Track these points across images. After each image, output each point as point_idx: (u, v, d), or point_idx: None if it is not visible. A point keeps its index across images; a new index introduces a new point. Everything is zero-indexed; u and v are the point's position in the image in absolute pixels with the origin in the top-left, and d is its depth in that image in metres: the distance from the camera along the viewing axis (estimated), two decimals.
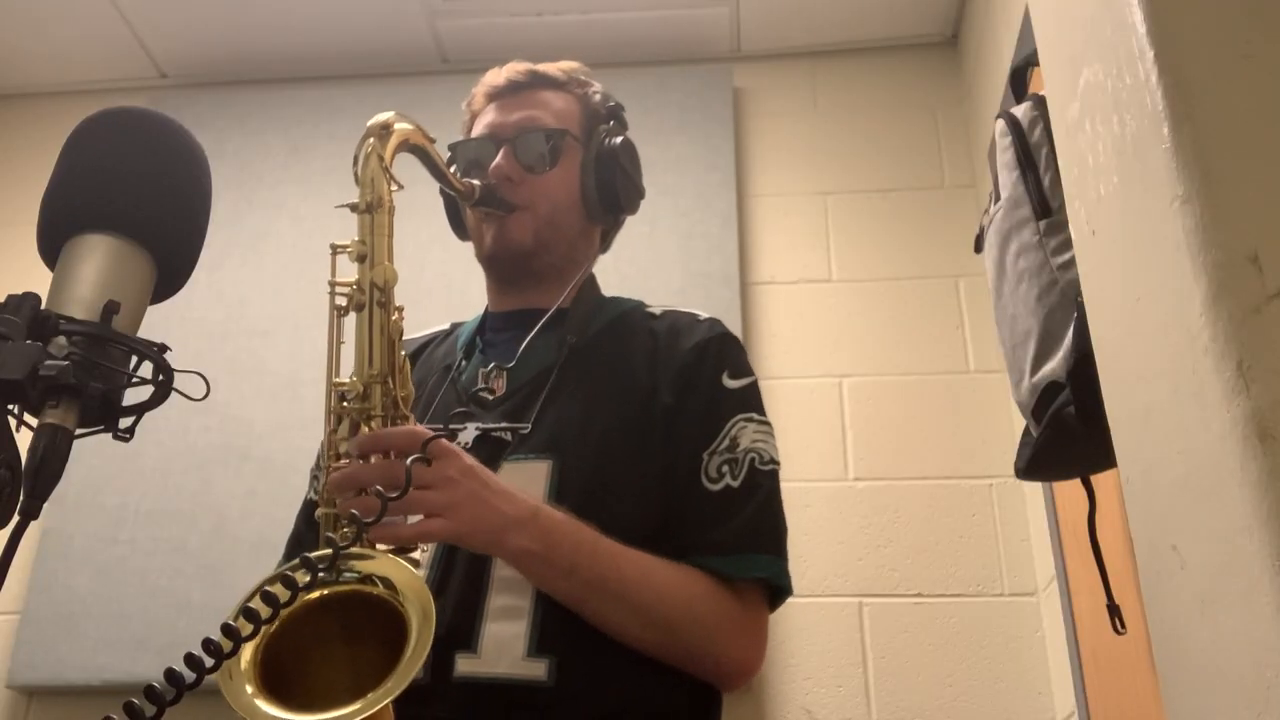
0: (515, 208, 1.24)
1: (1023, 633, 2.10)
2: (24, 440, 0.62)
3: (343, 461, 1.02)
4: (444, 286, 2.12)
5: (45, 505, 0.61)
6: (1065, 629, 1.93)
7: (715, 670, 1.10)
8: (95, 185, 0.72)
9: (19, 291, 0.65)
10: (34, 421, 0.63)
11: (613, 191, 1.28)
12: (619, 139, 1.30)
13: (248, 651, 0.83)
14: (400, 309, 1.07)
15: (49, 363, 0.61)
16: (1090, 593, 1.79)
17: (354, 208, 1.08)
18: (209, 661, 0.62)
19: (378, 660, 0.85)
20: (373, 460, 1.01)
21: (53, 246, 0.71)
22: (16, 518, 0.60)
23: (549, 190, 1.26)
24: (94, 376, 0.65)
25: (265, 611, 0.69)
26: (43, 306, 0.66)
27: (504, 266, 1.28)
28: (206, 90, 2.86)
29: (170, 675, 0.58)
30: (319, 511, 1.03)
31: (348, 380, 1.05)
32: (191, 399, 0.75)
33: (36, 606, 2.23)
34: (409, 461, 0.91)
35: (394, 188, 1.09)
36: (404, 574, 0.90)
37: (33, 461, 0.61)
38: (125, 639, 2.17)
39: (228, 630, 0.66)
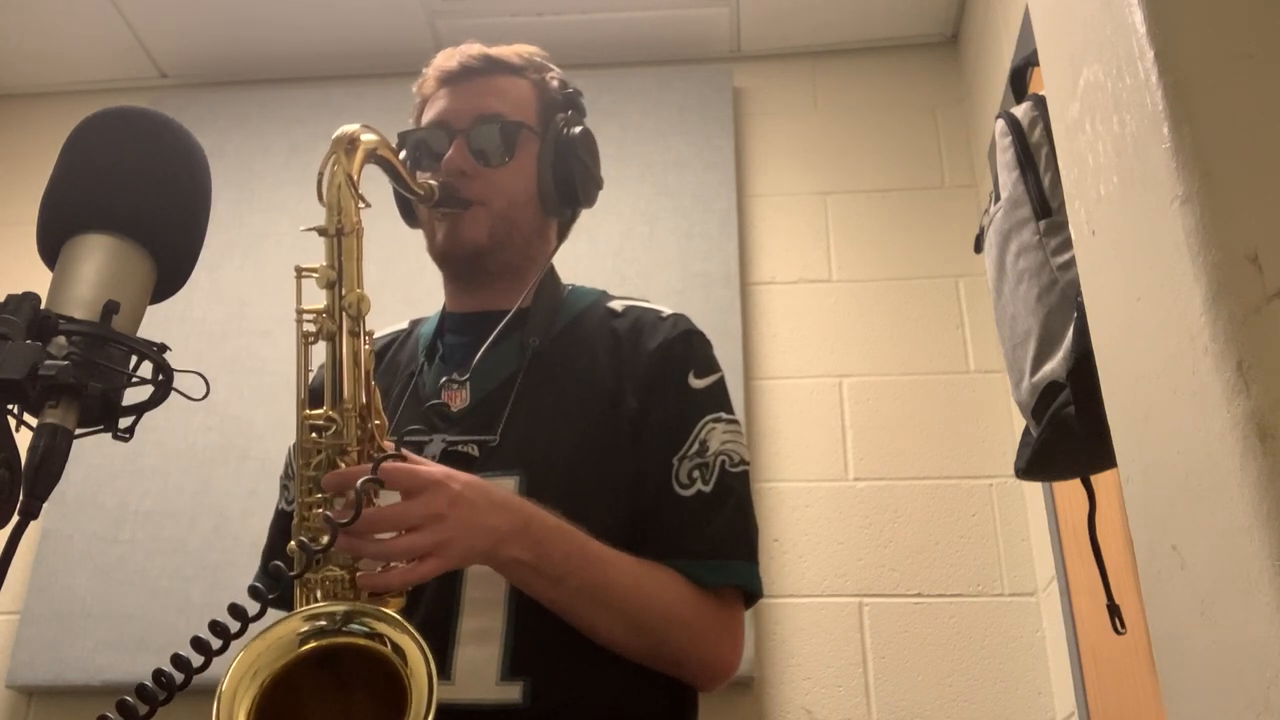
0: (470, 204, 1.17)
1: (1023, 633, 2.10)
2: (24, 440, 0.62)
3: (317, 496, 0.97)
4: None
5: (45, 505, 0.61)
6: (1065, 629, 1.93)
7: (698, 673, 1.11)
8: (95, 185, 0.72)
9: (19, 291, 0.65)
10: (34, 421, 0.63)
11: (571, 186, 1.22)
12: (578, 129, 1.24)
13: (243, 713, 0.81)
14: (370, 333, 1.00)
15: (49, 362, 0.61)
16: (1090, 593, 1.79)
17: (322, 231, 1.00)
18: (197, 660, 0.62)
19: (371, 715, 0.83)
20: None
21: (52, 246, 0.71)
22: (16, 518, 0.60)
23: (505, 185, 1.19)
24: (94, 376, 0.65)
25: (253, 608, 0.69)
26: (43, 306, 0.66)
27: (457, 265, 1.22)
28: (206, 90, 2.86)
29: (158, 676, 0.58)
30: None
31: (319, 413, 0.99)
32: (191, 399, 0.75)
33: (36, 606, 2.23)
34: (359, 484, 0.86)
35: (362, 206, 1.01)
36: (416, 655, 0.85)
37: (33, 461, 0.61)
38: (125, 639, 2.17)
39: (215, 627, 0.66)
